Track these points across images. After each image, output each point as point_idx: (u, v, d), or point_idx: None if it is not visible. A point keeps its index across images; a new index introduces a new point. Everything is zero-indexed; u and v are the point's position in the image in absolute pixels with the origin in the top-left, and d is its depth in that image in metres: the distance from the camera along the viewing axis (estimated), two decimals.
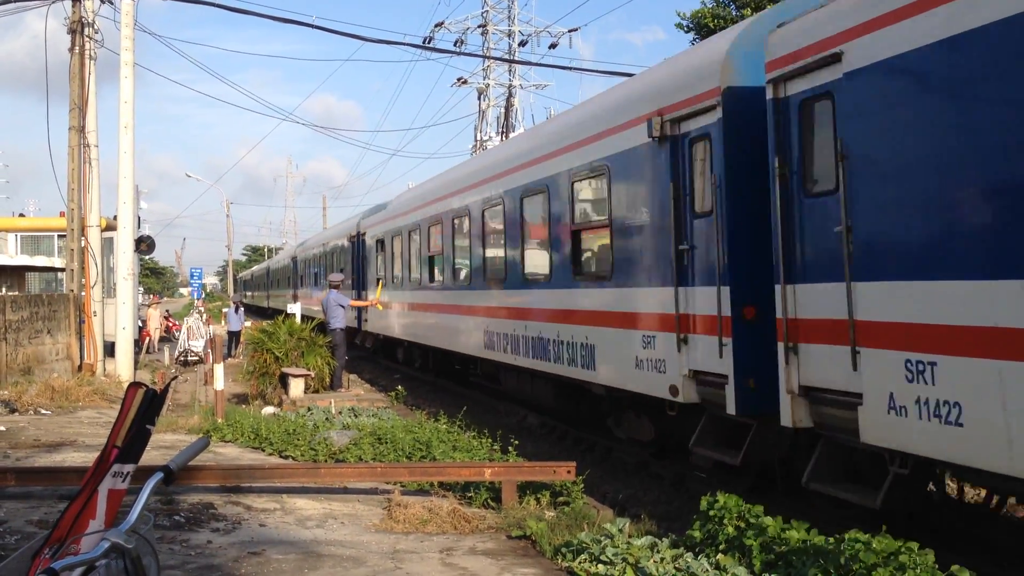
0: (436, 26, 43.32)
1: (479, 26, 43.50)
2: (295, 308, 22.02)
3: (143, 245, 19.77)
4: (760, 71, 6.91)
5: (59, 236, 22.93)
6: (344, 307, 16.31)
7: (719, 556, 5.42)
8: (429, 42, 42.24)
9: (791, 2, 7.19)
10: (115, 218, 18.06)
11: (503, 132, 42.05)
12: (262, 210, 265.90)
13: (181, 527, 6.74)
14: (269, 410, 14.08)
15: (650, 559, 5.52)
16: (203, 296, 50.61)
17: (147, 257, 34.80)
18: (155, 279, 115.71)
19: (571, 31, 41.82)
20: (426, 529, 6.92)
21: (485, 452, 9.35)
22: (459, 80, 45.18)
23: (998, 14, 4.87)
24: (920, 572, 4.52)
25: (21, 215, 34.60)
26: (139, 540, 2.37)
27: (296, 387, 14.94)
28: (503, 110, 43.48)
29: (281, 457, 10.01)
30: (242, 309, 29.48)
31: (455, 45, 43.03)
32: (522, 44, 43.29)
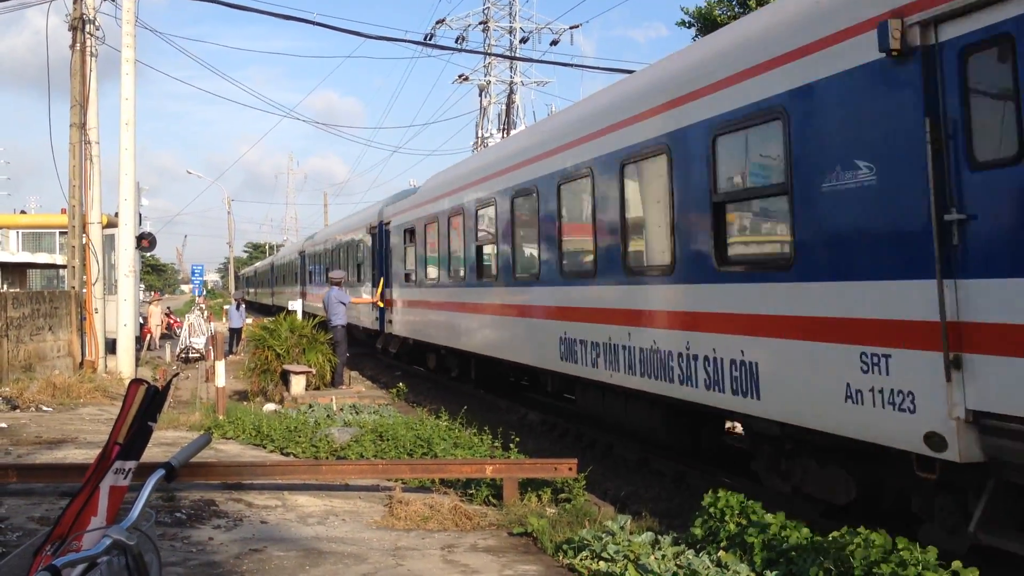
0: (437, 23, 43.47)
1: (480, 23, 43.55)
2: (296, 305, 21.91)
3: (144, 242, 19.75)
4: None
5: (60, 233, 22.99)
6: (345, 304, 16.38)
7: (720, 553, 5.43)
8: (430, 39, 42.37)
9: None
10: (116, 215, 18.06)
11: (504, 129, 42.03)
12: (263, 207, 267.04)
13: (183, 524, 6.75)
14: (270, 407, 14.10)
15: (651, 556, 5.52)
16: (204, 293, 50.64)
17: (148, 254, 34.77)
18: (156, 276, 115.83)
19: (573, 28, 41.91)
20: (427, 526, 6.92)
21: (486, 449, 9.34)
22: (460, 77, 45.27)
23: None
24: (922, 570, 4.51)
25: (22, 212, 34.54)
26: (141, 537, 2.37)
27: (297, 384, 14.96)
28: (504, 107, 43.48)
29: (282, 454, 10.02)
30: (243, 306, 29.56)
31: (456, 42, 43.21)
32: (523, 41, 43.39)
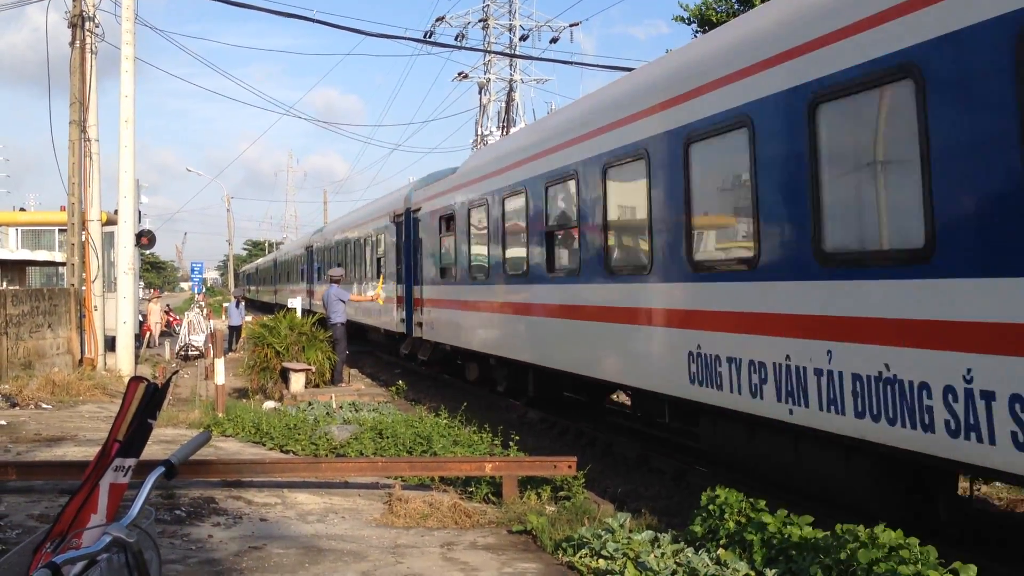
0: (437, 20, 43.48)
1: (480, 20, 43.50)
2: (296, 303, 21.65)
3: (144, 239, 19.75)
4: None
5: (60, 230, 22.99)
6: (344, 301, 16.38)
7: (720, 551, 5.43)
8: (430, 36, 42.40)
9: None
10: (116, 212, 18.06)
11: (504, 127, 42.03)
12: (263, 205, 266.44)
13: (182, 521, 6.75)
14: (270, 405, 14.10)
15: (651, 554, 5.52)
16: (204, 291, 50.61)
17: (148, 252, 34.80)
18: (156, 273, 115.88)
19: (572, 25, 41.75)
20: (427, 524, 6.92)
21: (486, 447, 9.34)
22: (460, 75, 45.24)
23: None
24: (922, 568, 4.51)
25: (22, 209, 34.51)
26: (140, 534, 2.37)
27: (297, 382, 14.96)
28: (504, 105, 43.45)
29: (282, 452, 10.02)
30: (243, 304, 29.57)
31: (456, 40, 43.09)
32: (523, 39, 43.36)
